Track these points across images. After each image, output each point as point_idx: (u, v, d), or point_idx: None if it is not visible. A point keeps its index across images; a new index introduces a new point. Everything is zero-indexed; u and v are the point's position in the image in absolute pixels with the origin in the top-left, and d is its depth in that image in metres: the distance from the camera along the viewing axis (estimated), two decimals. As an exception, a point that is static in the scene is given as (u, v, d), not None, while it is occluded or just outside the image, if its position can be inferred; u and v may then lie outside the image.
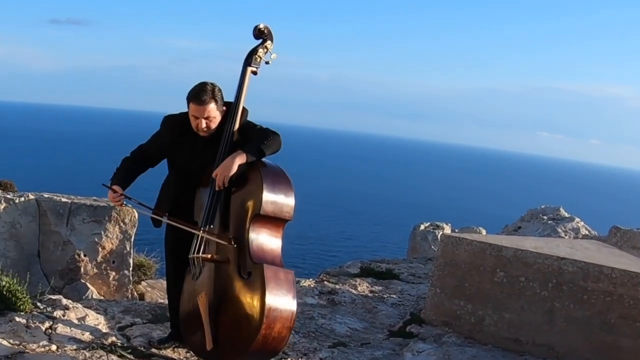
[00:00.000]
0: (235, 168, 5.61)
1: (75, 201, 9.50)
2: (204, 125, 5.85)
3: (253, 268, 5.42)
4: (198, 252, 5.76)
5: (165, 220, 6.05)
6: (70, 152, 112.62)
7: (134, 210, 9.55)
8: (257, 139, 5.83)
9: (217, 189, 5.69)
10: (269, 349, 5.39)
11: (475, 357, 7.61)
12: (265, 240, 5.63)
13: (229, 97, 6.04)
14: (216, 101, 5.85)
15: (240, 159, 5.63)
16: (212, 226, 5.76)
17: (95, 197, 10.09)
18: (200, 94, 5.80)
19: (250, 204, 5.58)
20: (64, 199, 9.42)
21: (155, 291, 10.11)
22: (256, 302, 5.29)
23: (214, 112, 5.85)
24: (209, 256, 5.73)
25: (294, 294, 5.44)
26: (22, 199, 9.17)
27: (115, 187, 5.91)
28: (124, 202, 6.09)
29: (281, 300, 5.30)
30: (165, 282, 7.19)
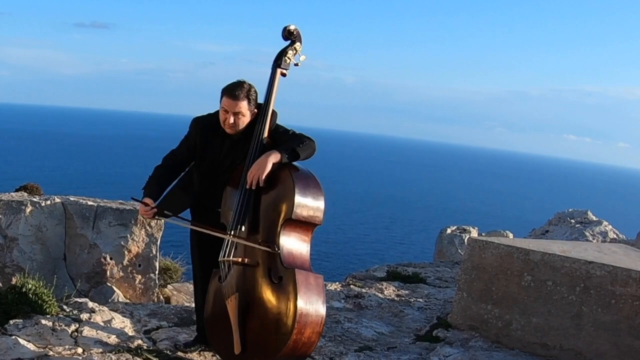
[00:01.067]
0: (269, 167, 5.59)
1: (102, 204, 9.55)
2: (232, 120, 5.86)
3: (284, 273, 5.39)
4: (229, 255, 5.73)
5: (192, 227, 6.07)
6: (97, 156, 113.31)
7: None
8: (291, 141, 5.83)
9: (247, 187, 5.66)
10: (299, 354, 5.37)
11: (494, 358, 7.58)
12: (296, 244, 5.61)
13: (259, 99, 6.03)
14: (249, 100, 5.86)
15: (274, 158, 5.62)
16: (242, 229, 5.72)
17: (121, 201, 10.17)
18: (235, 89, 5.83)
19: (282, 207, 5.54)
20: (90, 202, 9.48)
21: (182, 294, 10.12)
22: (288, 307, 5.27)
23: (244, 109, 5.85)
24: (239, 259, 5.68)
25: (323, 298, 5.45)
26: (48, 202, 9.24)
27: (146, 200, 5.90)
28: (156, 216, 6.03)
29: (312, 306, 5.31)
30: (191, 286, 7.10)
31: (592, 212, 16.41)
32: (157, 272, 9.73)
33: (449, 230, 17.74)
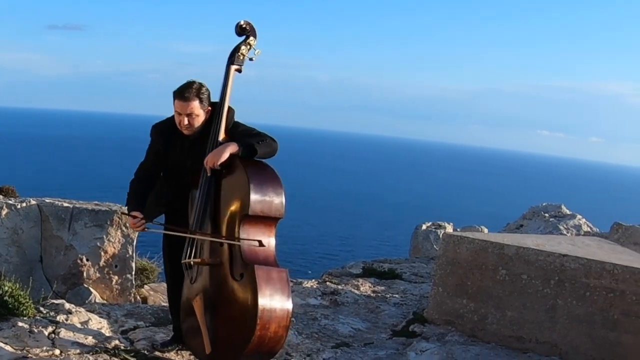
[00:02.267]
0: (226, 155, 5.62)
1: (77, 206, 9.54)
2: (186, 121, 5.87)
3: (245, 269, 5.40)
4: (189, 257, 5.79)
5: (154, 230, 6.13)
6: (73, 157, 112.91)
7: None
8: (251, 138, 5.83)
9: (208, 173, 5.70)
10: (266, 350, 5.38)
11: (479, 356, 7.62)
12: (257, 239, 5.56)
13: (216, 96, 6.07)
14: (200, 100, 5.88)
15: (232, 148, 5.64)
16: (203, 229, 5.79)
17: (96, 202, 10.13)
18: (184, 90, 5.83)
19: (238, 204, 5.57)
20: (65, 204, 9.47)
21: (158, 294, 10.14)
22: (249, 304, 5.27)
23: (197, 110, 5.86)
24: (200, 260, 5.75)
25: (288, 292, 5.42)
26: (24, 204, 9.22)
27: (135, 213, 5.94)
28: (146, 227, 6.05)
29: (275, 300, 5.29)
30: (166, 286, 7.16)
31: (565, 206, 16.54)
32: (133, 272, 9.74)
33: (424, 227, 17.81)
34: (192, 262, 5.80)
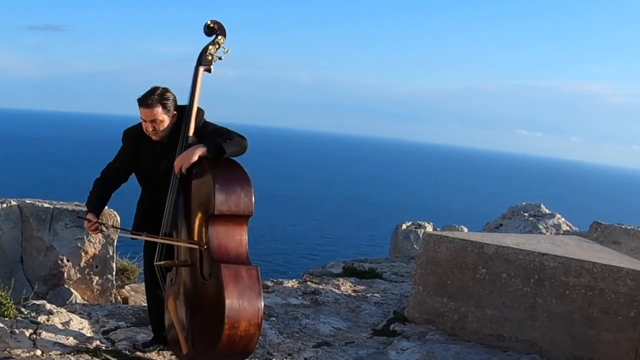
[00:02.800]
0: (195, 157, 5.64)
1: (58, 206, 9.53)
2: (150, 128, 5.89)
3: (213, 269, 5.44)
4: (159, 260, 5.85)
5: (148, 238, 6.00)
6: (52, 158, 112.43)
7: (117, 215, 9.57)
8: (219, 137, 5.83)
9: (177, 175, 5.72)
10: (240, 348, 5.40)
11: (459, 354, 7.67)
12: (227, 239, 5.59)
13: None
14: (163, 105, 5.87)
15: (200, 151, 5.66)
16: (175, 232, 5.86)
17: (77, 202, 10.11)
18: (147, 98, 5.84)
19: (205, 205, 5.59)
20: (46, 205, 9.43)
21: (139, 295, 10.10)
22: (218, 303, 5.30)
23: (160, 115, 5.86)
24: (169, 262, 5.82)
25: (258, 290, 5.42)
26: (4, 205, 9.19)
27: (89, 217, 6.04)
28: (102, 229, 6.24)
29: (244, 299, 5.30)
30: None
31: (545, 206, 16.61)
32: (114, 273, 9.73)
33: (404, 226, 17.83)
34: (162, 265, 5.86)
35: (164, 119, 5.88)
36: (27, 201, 9.49)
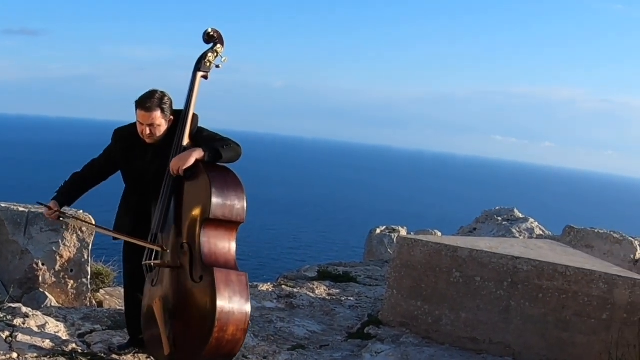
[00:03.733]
0: (192, 160, 5.60)
1: (33, 210, 9.51)
2: (147, 131, 5.85)
3: (204, 272, 5.43)
4: (150, 259, 5.78)
5: (112, 234, 6.03)
6: (26, 162, 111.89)
7: (92, 219, 9.28)
8: (216, 143, 5.82)
9: (172, 174, 5.68)
10: (224, 352, 5.41)
11: (433, 357, 7.66)
12: (218, 243, 5.62)
13: (181, 103, 6.04)
14: (162, 109, 5.85)
15: (197, 154, 5.63)
16: (163, 234, 5.80)
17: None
18: (146, 101, 5.81)
19: (199, 208, 5.58)
20: (21, 208, 9.42)
21: (114, 299, 10.10)
22: (208, 306, 5.30)
23: (158, 120, 5.84)
24: (160, 262, 5.76)
25: (247, 296, 5.45)
26: None
27: (51, 204, 6.02)
28: (60, 217, 6.18)
29: (234, 303, 5.32)
30: (123, 290, 7.14)
31: (518, 210, 16.70)
32: (89, 277, 9.72)
33: (378, 230, 17.89)
34: (152, 264, 5.79)
35: (162, 123, 5.86)
36: (3, 205, 9.49)
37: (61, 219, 6.17)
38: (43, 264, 9.31)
